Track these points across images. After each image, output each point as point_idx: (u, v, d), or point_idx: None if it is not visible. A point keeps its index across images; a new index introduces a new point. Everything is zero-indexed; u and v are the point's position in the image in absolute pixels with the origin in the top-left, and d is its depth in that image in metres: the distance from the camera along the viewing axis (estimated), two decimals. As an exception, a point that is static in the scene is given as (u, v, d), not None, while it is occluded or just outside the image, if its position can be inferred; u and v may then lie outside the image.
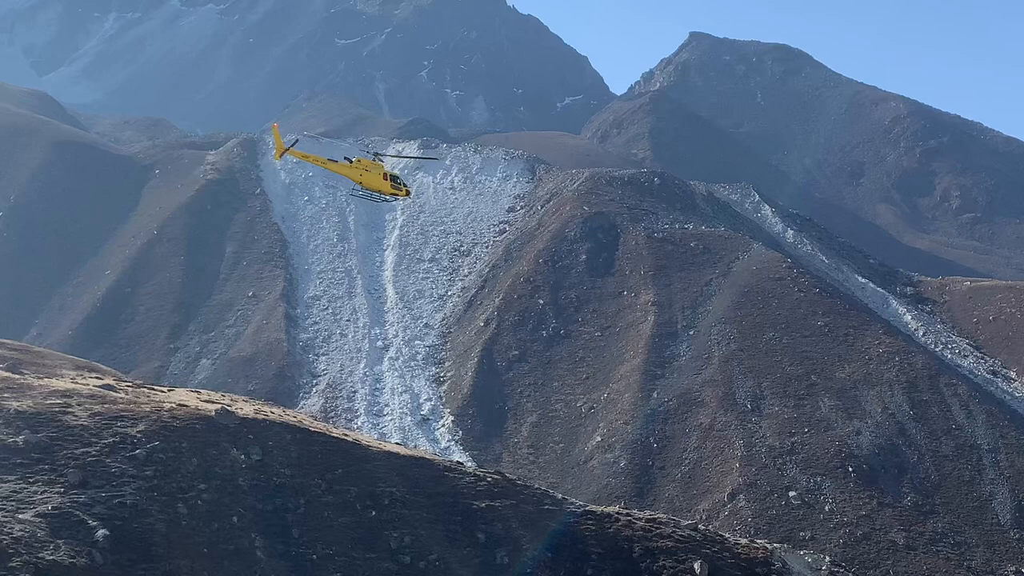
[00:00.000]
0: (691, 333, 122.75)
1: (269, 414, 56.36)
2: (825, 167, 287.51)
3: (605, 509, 57.17)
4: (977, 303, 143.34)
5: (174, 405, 52.91)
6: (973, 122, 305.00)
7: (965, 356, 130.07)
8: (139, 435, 48.77)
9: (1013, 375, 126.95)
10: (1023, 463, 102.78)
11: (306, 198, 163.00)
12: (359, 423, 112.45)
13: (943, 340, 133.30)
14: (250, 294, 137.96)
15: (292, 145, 72.95)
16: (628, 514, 56.56)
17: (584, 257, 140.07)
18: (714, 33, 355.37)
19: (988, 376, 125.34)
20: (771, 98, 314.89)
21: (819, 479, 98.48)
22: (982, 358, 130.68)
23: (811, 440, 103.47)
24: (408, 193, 74.59)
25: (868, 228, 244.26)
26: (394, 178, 72.45)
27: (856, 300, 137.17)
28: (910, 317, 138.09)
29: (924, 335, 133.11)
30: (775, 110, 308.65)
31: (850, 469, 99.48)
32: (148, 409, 51.40)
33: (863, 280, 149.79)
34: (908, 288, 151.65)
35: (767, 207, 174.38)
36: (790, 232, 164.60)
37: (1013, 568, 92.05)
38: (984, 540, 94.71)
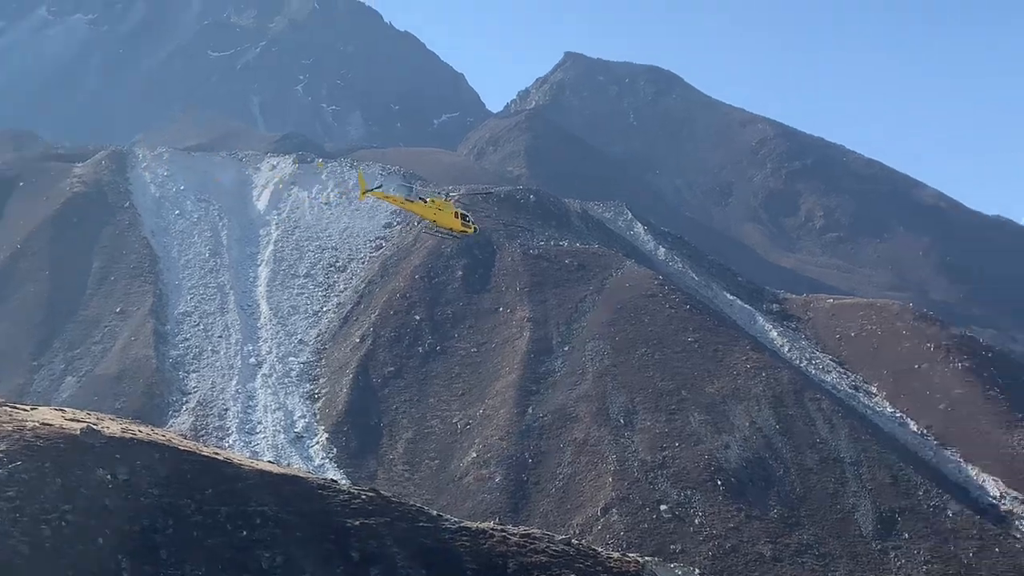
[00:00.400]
0: (566, 349, 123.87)
1: (137, 433, 55.02)
2: (695, 187, 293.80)
3: (480, 525, 57.29)
4: (840, 320, 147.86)
5: (37, 424, 51.27)
6: (836, 144, 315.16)
7: (828, 371, 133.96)
8: (0, 455, 47.13)
9: (874, 390, 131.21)
10: (884, 476, 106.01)
11: (177, 212, 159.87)
12: (231, 441, 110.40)
13: (807, 356, 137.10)
14: (117, 310, 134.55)
15: (377, 188, 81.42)
16: (503, 530, 56.77)
17: (460, 273, 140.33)
18: (589, 54, 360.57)
19: (850, 391, 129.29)
20: (643, 118, 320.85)
21: (689, 492, 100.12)
22: (844, 374, 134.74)
23: (682, 454, 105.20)
24: (476, 230, 79.95)
25: (736, 246, 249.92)
26: (464, 216, 77.54)
27: (725, 317, 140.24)
28: (776, 333, 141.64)
29: (789, 351, 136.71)
30: (647, 130, 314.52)
31: (719, 482, 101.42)
32: (10, 428, 49.72)
33: (731, 297, 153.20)
34: (774, 305, 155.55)
35: (639, 225, 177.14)
36: (662, 250, 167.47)
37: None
38: (847, 551, 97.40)
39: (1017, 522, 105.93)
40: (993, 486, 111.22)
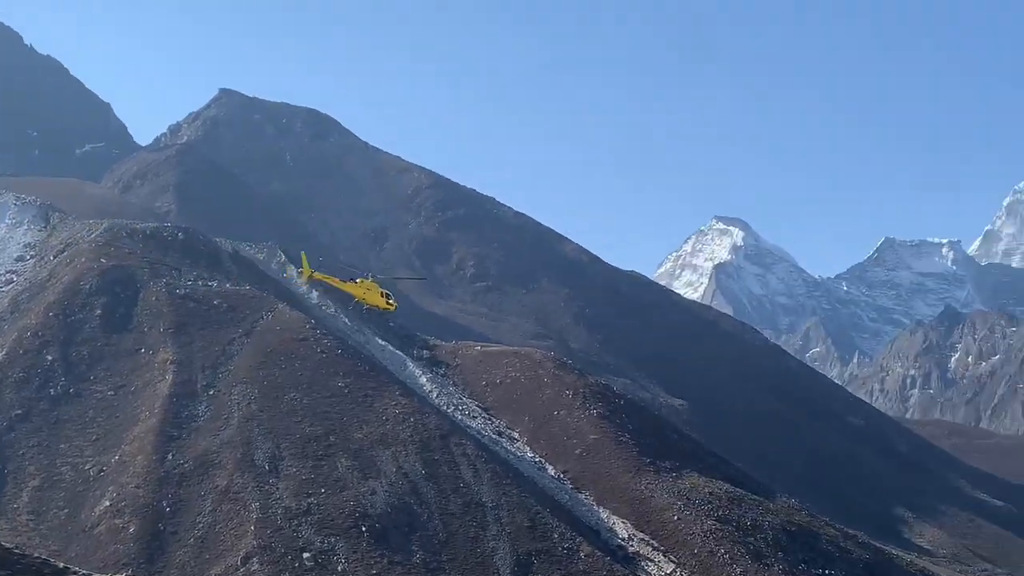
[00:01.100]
0: (211, 393, 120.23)
1: None
2: (351, 231, 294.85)
3: (110, 578, 54.23)
4: (486, 367, 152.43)
5: None
6: (487, 196, 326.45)
7: (474, 417, 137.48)
8: None
9: (516, 435, 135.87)
10: (523, 519, 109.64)
11: None
12: None
13: (455, 402, 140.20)
14: None
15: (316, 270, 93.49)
16: (134, 583, 53.98)
17: (99, 312, 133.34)
18: (244, 91, 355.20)
19: (494, 436, 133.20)
20: (300, 160, 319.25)
21: (333, 539, 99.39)
22: (489, 419, 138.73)
23: (327, 501, 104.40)
24: (395, 306, 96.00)
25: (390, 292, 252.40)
26: (387, 295, 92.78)
27: (376, 362, 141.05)
28: (425, 379, 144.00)
29: (438, 396, 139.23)
30: (304, 172, 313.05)
31: (363, 529, 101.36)
32: None
33: (383, 342, 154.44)
34: (425, 351, 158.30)
35: (293, 268, 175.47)
36: (314, 293, 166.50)
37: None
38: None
39: (643, 563, 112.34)
40: (622, 528, 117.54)
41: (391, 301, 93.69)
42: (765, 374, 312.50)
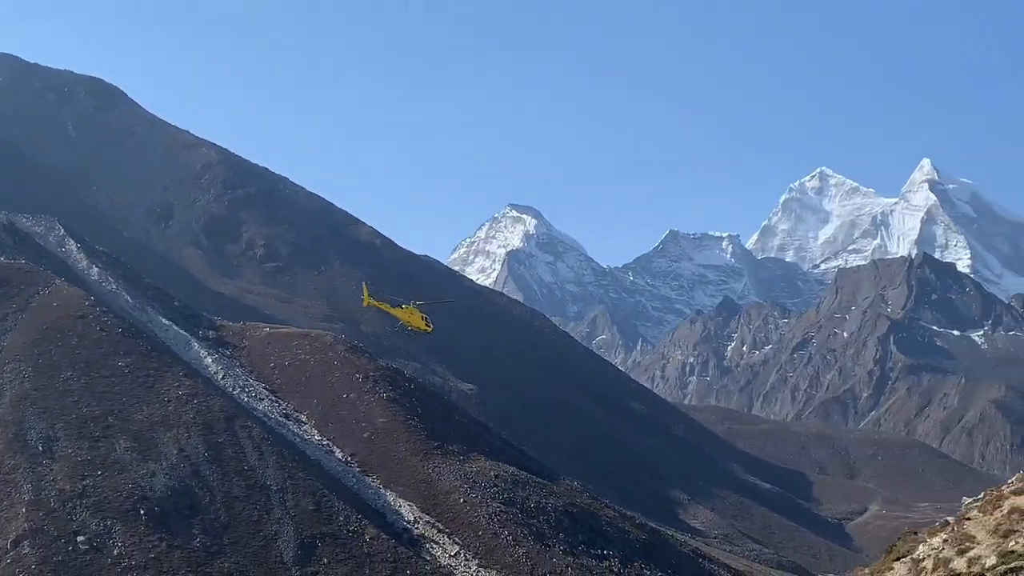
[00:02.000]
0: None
1: None
2: (136, 207, 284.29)
3: None
4: (275, 349, 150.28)
5: None
6: (280, 175, 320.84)
7: (261, 399, 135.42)
8: None
9: (304, 418, 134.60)
10: (308, 502, 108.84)
11: None
12: None
13: (241, 383, 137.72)
14: None
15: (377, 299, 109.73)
16: None
17: None
18: (24, 57, 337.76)
19: (281, 419, 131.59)
20: (84, 131, 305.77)
21: (110, 523, 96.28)
22: (276, 402, 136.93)
23: (104, 483, 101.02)
24: (432, 329, 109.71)
25: (176, 270, 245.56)
26: (426, 318, 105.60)
27: (160, 342, 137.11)
28: (211, 360, 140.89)
29: (223, 378, 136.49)
30: (88, 144, 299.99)
31: (142, 512, 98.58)
32: None
33: (167, 322, 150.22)
34: (211, 332, 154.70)
35: (72, 242, 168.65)
36: (95, 269, 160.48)
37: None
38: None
39: (428, 545, 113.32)
40: (408, 511, 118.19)
41: (428, 324, 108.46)
42: (553, 360, 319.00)
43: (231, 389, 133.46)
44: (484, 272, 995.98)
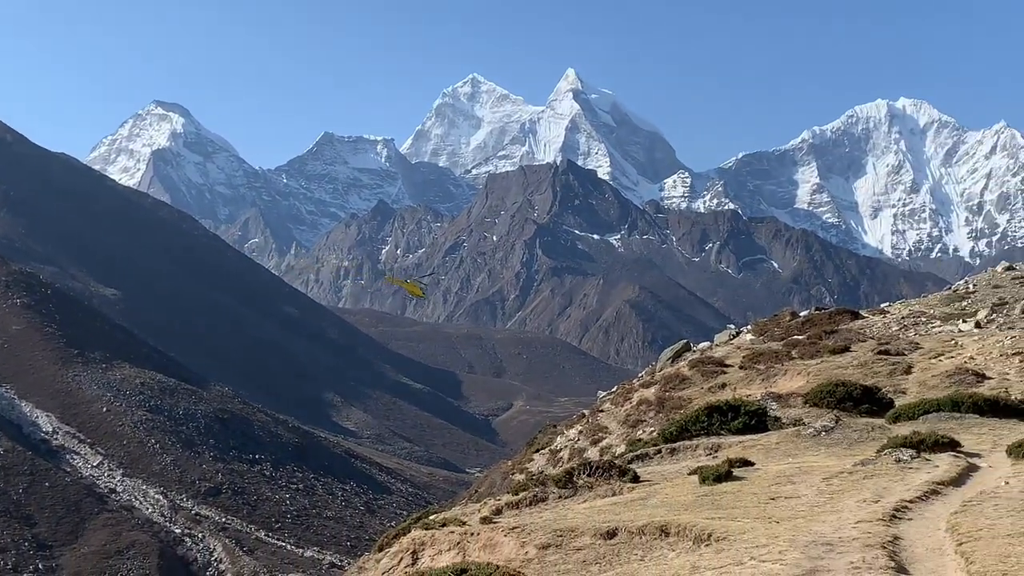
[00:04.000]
0: None
1: None
2: None
3: None
4: None
5: None
6: None
7: None
8: None
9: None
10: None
11: None
12: None
13: None
14: None
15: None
16: None
17: None
18: None
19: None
20: None
21: None
22: None
23: None
24: (424, 295, 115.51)
25: None
26: (423, 286, 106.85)
27: None
28: None
29: None
30: None
31: None
32: None
33: None
34: None
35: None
36: None
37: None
38: None
39: (69, 456, 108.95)
40: (46, 421, 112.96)
41: (424, 291, 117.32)
42: (203, 264, 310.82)
43: None
44: (128, 172, 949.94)
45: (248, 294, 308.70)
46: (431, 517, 23.60)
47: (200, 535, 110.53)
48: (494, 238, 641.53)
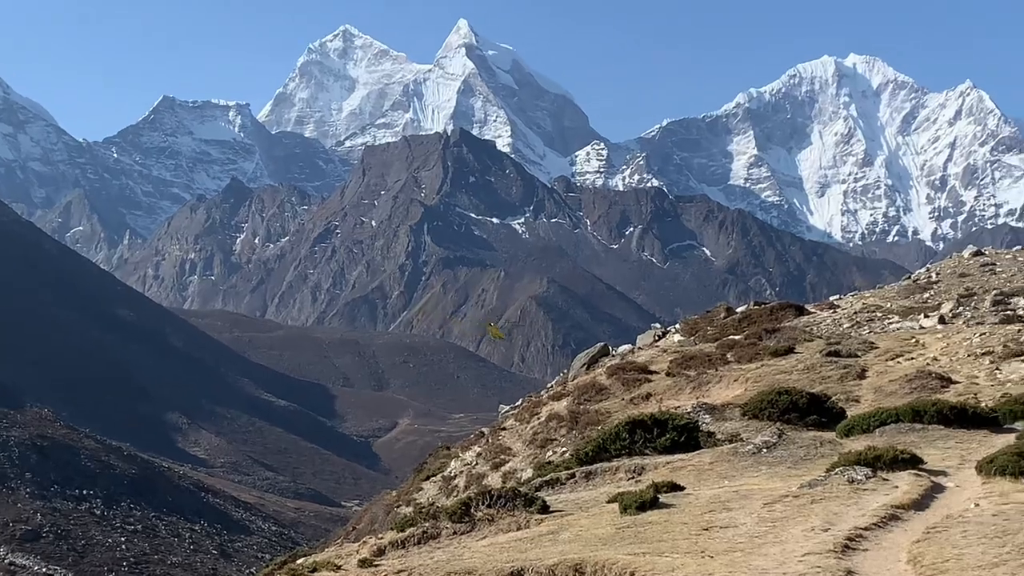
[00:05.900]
0: None
1: None
2: None
3: None
4: None
5: None
6: None
7: None
8: None
9: None
10: None
11: None
12: None
13: None
14: None
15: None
16: None
17: None
18: None
19: None
20: None
21: None
22: None
23: None
24: (503, 337, 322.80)
25: None
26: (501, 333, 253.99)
27: None
28: None
29: None
30: None
31: None
32: None
33: None
34: None
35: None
36: None
37: None
38: None
39: None
40: None
41: (500, 334, 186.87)
42: (15, 258, 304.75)
43: None
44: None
45: (71, 294, 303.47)
46: (299, 561, 23.51)
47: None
48: (373, 223, 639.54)
